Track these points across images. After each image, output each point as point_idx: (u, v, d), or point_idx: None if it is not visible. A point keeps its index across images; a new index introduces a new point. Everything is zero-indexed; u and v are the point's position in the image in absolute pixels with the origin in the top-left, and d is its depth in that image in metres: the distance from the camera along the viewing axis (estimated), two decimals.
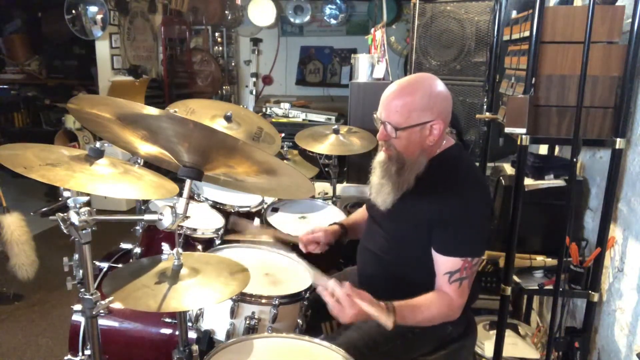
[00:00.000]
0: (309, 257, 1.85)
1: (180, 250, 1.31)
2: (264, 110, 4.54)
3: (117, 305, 1.23)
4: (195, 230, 1.97)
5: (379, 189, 1.55)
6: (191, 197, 1.49)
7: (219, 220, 2.13)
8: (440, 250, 1.47)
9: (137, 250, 2.00)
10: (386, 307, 1.35)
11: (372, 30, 3.52)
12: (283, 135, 2.55)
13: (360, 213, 1.92)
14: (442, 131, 1.47)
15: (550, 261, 1.89)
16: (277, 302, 1.52)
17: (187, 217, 1.24)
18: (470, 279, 1.47)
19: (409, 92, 1.44)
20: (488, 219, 1.52)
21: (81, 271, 1.30)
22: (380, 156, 1.56)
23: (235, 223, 1.91)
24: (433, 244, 1.48)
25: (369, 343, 1.50)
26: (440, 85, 1.47)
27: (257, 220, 2.33)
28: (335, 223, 1.86)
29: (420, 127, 1.44)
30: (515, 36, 1.93)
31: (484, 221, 1.50)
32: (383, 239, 1.61)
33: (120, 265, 1.94)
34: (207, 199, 2.22)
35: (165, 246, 1.37)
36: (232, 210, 2.22)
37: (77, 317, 1.77)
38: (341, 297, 1.32)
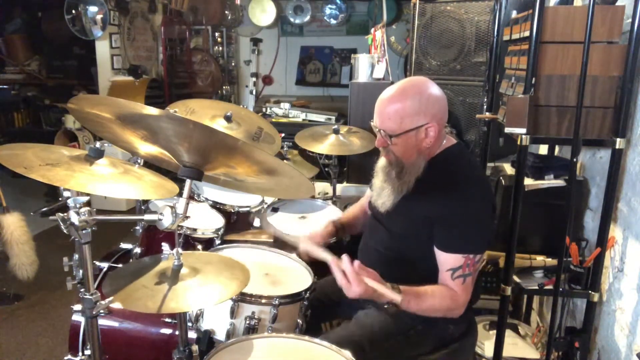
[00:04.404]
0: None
1: (180, 250, 1.31)
2: (264, 110, 4.53)
3: (117, 305, 1.22)
4: (195, 230, 1.97)
5: (380, 192, 1.58)
6: (191, 197, 1.49)
7: (219, 220, 2.13)
8: (441, 246, 1.48)
9: (137, 250, 2.00)
10: (391, 287, 1.39)
11: (372, 30, 3.51)
12: (283, 135, 2.54)
13: (357, 207, 1.93)
14: (437, 133, 1.48)
15: (550, 261, 1.89)
16: (277, 302, 1.52)
17: (187, 217, 1.24)
18: (474, 276, 1.48)
19: (400, 99, 1.45)
20: (489, 215, 1.52)
21: (81, 271, 1.30)
22: (382, 161, 1.59)
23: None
24: (435, 240, 1.49)
25: (370, 338, 1.51)
26: (431, 88, 1.47)
27: (257, 221, 2.34)
28: (331, 221, 1.85)
29: (415, 132, 1.46)
30: (515, 36, 1.93)
31: (485, 218, 1.50)
32: (385, 235, 1.62)
33: (120, 265, 1.94)
34: (207, 199, 2.22)
35: (165, 246, 1.37)
36: (232, 210, 2.22)
37: (77, 317, 1.77)
38: (350, 273, 1.34)
